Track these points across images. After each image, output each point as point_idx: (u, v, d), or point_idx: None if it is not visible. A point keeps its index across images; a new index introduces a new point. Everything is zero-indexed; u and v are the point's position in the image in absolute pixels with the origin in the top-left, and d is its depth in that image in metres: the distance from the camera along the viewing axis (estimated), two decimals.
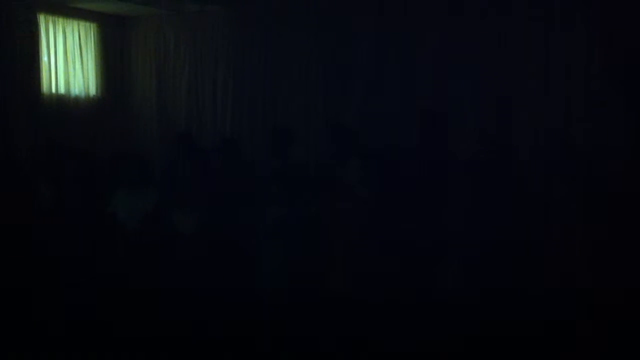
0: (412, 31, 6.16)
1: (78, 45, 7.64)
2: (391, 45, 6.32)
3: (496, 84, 5.71)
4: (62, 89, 7.49)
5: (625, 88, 5.13)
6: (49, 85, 7.31)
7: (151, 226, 4.90)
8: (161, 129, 8.01)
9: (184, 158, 5.66)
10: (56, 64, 7.39)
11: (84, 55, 7.71)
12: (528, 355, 4.12)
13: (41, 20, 7.13)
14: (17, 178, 5.61)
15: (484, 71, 5.76)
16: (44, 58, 7.20)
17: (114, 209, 5.01)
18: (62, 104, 7.44)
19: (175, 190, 5.28)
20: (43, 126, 6.97)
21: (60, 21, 7.40)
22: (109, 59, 8.01)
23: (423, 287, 4.64)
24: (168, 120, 7.98)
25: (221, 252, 4.92)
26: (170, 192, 5.25)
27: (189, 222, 5.02)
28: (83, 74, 7.72)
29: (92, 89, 7.87)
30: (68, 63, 7.54)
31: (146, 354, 4.25)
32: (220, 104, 7.62)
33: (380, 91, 6.38)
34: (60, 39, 7.42)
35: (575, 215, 4.30)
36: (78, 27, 7.64)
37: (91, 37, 7.81)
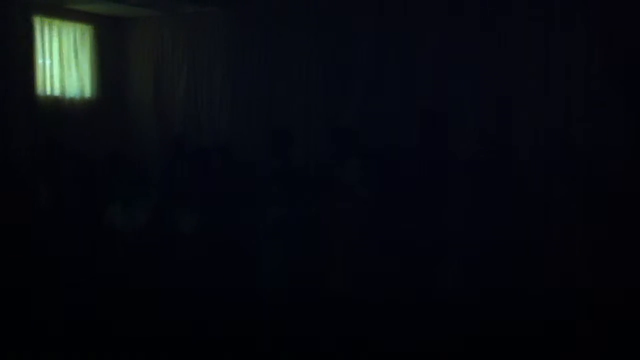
0: (412, 31, 6.15)
1: (74, 47, 7.60)
2: (391, 46, 6.31)
3: (496, 84, 5.71)
4: (58, 91, 7.44)
5: (625, 88, 5.14)
6: (45, 87, 7.26)
7: (150, 230, 4.89)
8: (158, 131, 7.96)
9: (178, 161, 5.68)
10: (51, 66, 7.33)
11: (79, 57, 7.67)
12: (528, 355, 4.11)
13: (37, 22, 7.04)
14: (13, 179, 5.61)
15: (484, 71, 5.76)
16: (39, 60, 7.13)
17: (112, 216, 5.00)
18: (58, 105, 7.39)
19: (173, 192, 5.27)
20: (39, 127, 6.92)
21: (55, 23, 7.36)
22: (105, 60, 7.96)
23: (423, 287, 4.64)
24: (165, 122, 7.93)
25: (221, 253, 4.92)
26: (168, 195, 5.24)
27: (189, 223, 5.02)
28: (79, 76, 7.67)
29: (88, 91, 7.83)
30: (63, 65, 7.49)
31: (146, 354, 4.26)
32: (218, 105, 7.59)
33: (380, 91, 6.37)
34: (55, 40, 7.37)
35: (575, 215, 4.30)
36: (74, 29, 7.60)
37: (87, 39, 7.77)
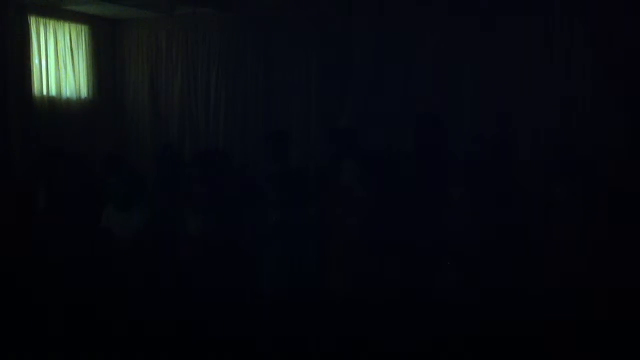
0: (412, 31, 6.16)
1: (69, 48, 7.59)
2: (391, 46, 6.32)
3: (496, 84, 5.71)
4: (54, 92, 7.43)
5: (625, 88, 5.14)
6: (41, 88, 7.24)
7: (145, 232, 4.88)
8: (153, 132, 7.97)
9: (174, 163, 5.69)
10: (47, 67, 7.31)
11: (75, 57, 7.66)
12: (528, 355, 4.11)
13: (33, 22, 7.06)
14: (7, 179, 5.62)
15: (483, 71, 5.77)
16: (35, 61, 7.13)
17: (107, 217, 4.99)
18: (54, 106, 7.38)
19: (169, 193, 5.27)
20: (35, 128, 6.94)
21: (51, 23, 7.34)
22: (101, 61, 7.96)
23: (423, 287, 4.63)
24: (160, 123, 7.94)
25: (220, 253, 4.92)
26: (164, 196, 5.24)
27: (188, 224, 5.02)
28: (74, 77, 7.65)
29: (84, 92, 7.82)
30: (59, 65, 7.47)
31: (146, 354, 4.25)
32: (213, 106, 7.58)
33: (379, 92, 6.38)
34: (51, 41, 7.36)
35: (575, 215, 4.29)
36: (69, 30, 7.59)
37: (82, 40, 7.76)
